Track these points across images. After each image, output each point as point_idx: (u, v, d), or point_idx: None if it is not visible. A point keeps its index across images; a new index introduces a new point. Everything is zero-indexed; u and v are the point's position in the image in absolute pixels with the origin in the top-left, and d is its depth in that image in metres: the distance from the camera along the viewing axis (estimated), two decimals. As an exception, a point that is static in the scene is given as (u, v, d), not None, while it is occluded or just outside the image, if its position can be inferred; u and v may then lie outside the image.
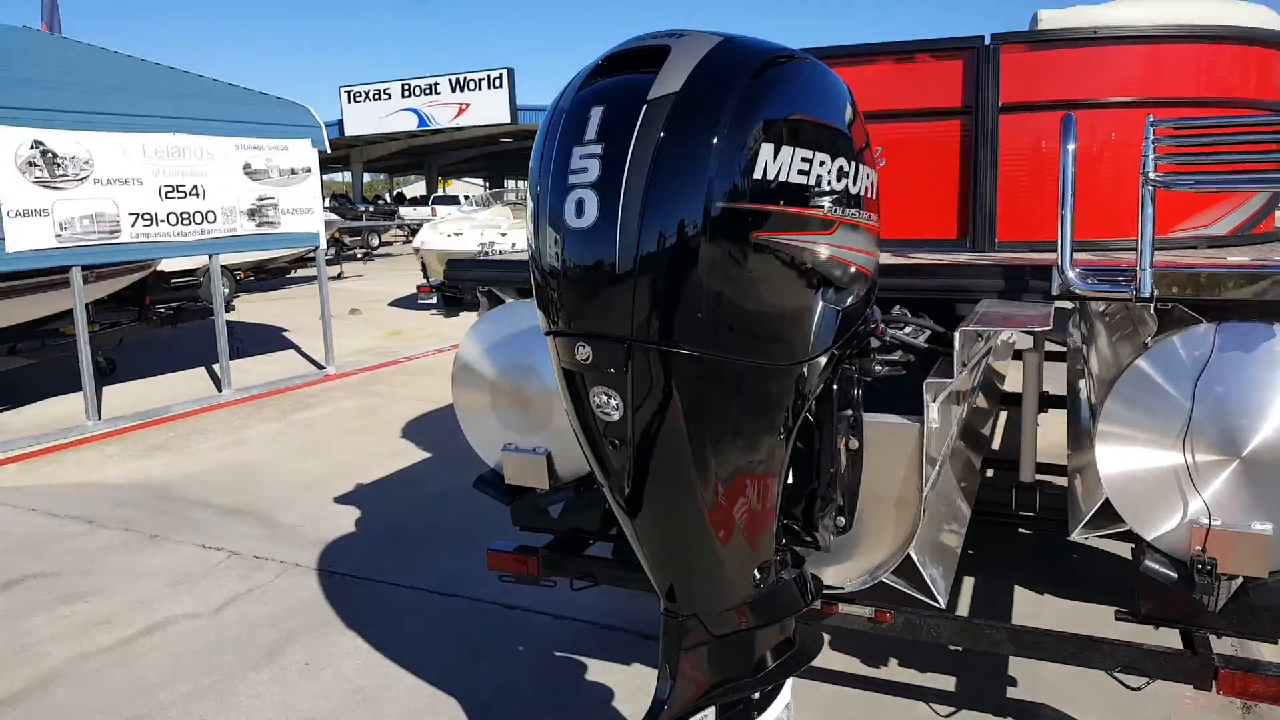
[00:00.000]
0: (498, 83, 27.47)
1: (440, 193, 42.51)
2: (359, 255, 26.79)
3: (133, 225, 7.74)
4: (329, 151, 10.29)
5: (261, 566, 4.79)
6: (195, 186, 8.22)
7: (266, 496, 5.89)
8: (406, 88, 28.96)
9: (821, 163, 1.70)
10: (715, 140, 1.54)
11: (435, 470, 6.34)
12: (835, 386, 2.03)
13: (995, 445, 5.70)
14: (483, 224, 15.57)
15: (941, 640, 2.88)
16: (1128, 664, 2.74)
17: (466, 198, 35.41)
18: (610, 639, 3.89)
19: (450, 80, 28.13)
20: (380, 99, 29.48)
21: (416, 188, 56.29)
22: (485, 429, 3.20)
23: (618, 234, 1.55)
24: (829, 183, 1.73)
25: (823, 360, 1.83)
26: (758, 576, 1.94)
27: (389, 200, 45.62)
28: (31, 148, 7.03)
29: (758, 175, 1.59)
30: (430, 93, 28.63)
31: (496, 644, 3.89)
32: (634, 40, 1.70)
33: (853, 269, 1.84)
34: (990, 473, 4.69)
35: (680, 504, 1.75)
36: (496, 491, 3.25)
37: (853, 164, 1.79)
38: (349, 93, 29.80)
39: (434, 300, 4.22)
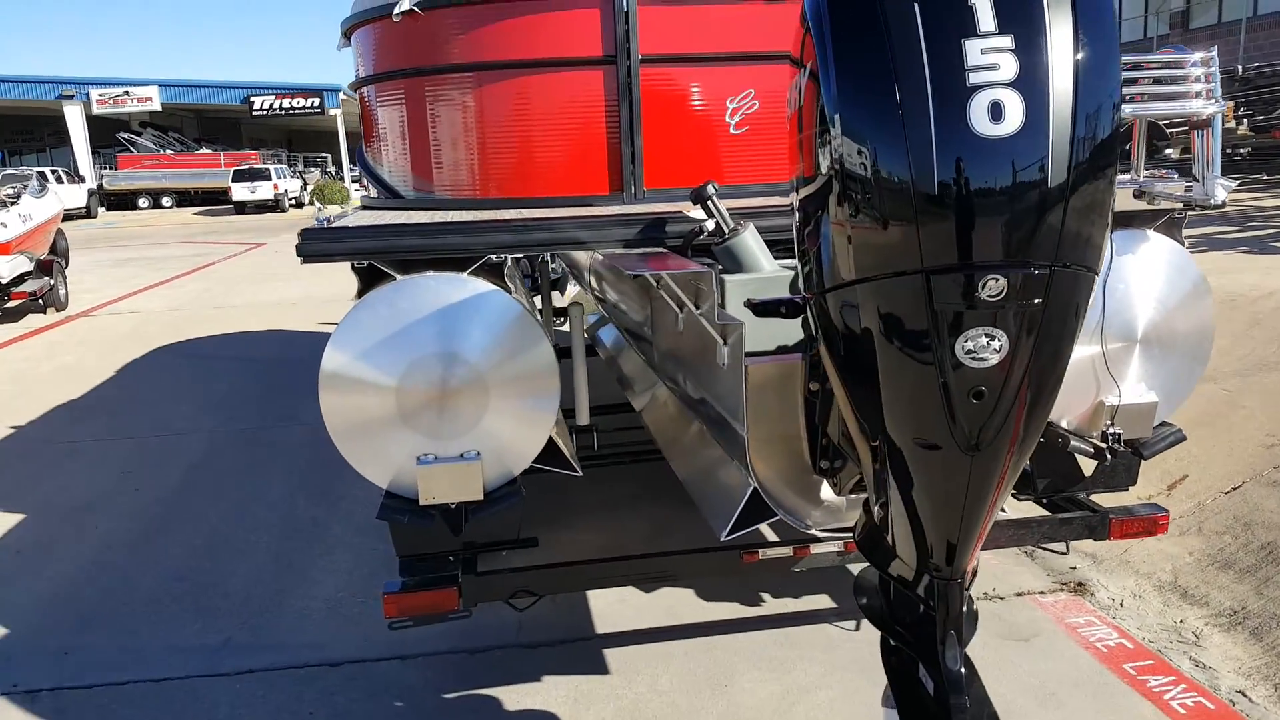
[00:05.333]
0: None
1: None
2: None
3: None
4: None
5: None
6: None
7: None
8: None
9: None
10: (1116, 29, 1.41)
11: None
12: None
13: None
14: None
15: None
16: (1050, 536, 3.16)
17: None
18: (490, 660, 3.43)
19: None
20: None
21: None
22: (383, 445, 2.64)
23: (1049, 143, 1.34)
24: None
25: None
26: None
27: None
28: None
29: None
30: None
31: (373, 713, 3.16)
32: None
33: None
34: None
35: (1021, 447, 1.60)
36: (411, 517, 2.70)
37: None
38: None
39: None
